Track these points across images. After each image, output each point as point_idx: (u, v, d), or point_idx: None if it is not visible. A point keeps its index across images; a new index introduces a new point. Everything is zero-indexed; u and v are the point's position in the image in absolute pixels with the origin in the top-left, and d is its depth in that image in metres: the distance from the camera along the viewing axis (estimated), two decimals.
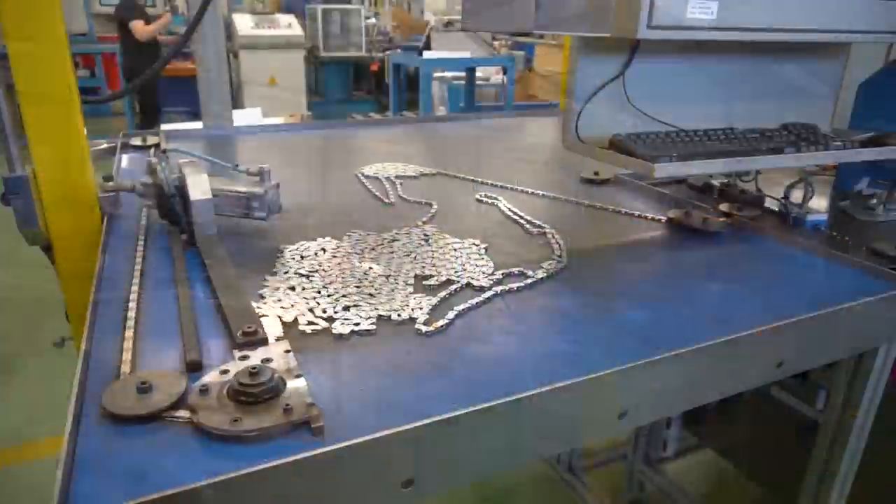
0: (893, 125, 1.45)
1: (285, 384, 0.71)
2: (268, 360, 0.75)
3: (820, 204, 1.56)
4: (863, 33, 1.30)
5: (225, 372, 0.73)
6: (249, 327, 0.81)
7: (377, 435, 0.62)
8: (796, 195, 1.35)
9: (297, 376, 0.72)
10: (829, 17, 1.25)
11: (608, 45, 1.26)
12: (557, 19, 1.12)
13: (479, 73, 6.01)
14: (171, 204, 1.14)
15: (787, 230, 1.30)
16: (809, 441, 1.27)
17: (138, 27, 6.36)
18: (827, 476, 1.17)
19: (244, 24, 8.00)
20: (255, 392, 0.67)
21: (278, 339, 0.81)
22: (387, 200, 1.44)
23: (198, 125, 2.48)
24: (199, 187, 1.13)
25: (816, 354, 0.97)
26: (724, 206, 1.42)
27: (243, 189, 1.20)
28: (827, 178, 1.73)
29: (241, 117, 3.60)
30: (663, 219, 1.35)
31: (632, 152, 1.16)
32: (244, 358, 0.76)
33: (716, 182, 1.56)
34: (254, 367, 0.70)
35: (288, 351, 0.78)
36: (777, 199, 1.38)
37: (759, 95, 1.48)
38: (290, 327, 0.85)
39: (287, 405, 0.66)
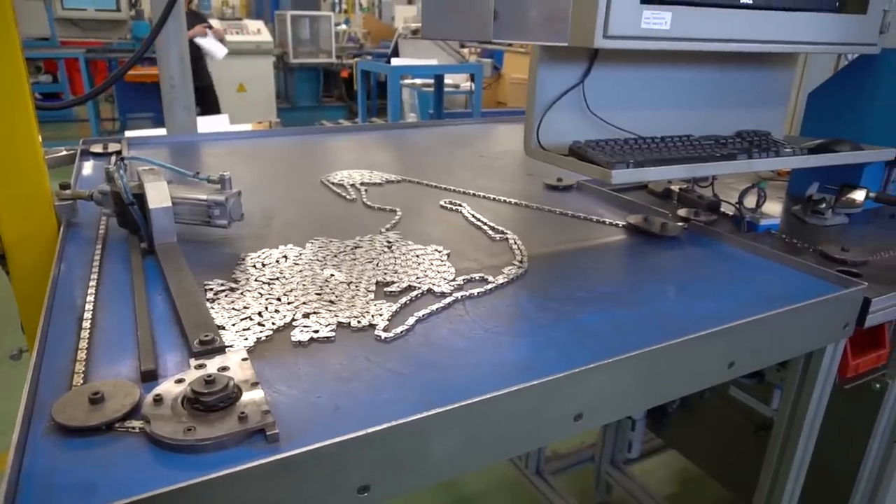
0: (841, 132, 1.51)
1: (241, 392, 0.70)
2: (224, 369, 0.75)
3: (775, 208, 1.61)
4: (811, 44, 1.35)
5: (180, 381, 0.72)
6: (206, 336, 0.80)
7: (331, 441, 0.62)
8: (750, 200, 1.40)
9: (254, 384, 0.72)
10: (779, 28, 1.29)
11: (568, 54, 1.29)
12: (515, 29, 1.14)
13: (448, 81, 6.04)
14: (130, 212, 1.12)
15: (741, 234, 1.34)
16: (766, 439, 1.31)
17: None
18: (781, 471, 1.20)
19: None
20: (209, 401, 0.67)
21: (236, 348, 0.81)
22: (351, 207, 1.44)
23: (162, 132, 2.45)
24: (158, 195, 1.12)
25: (766, 354, 1.00)
26: (682, 212, 1.46)
27: (204, 197, 1.19)
28: (782, 184, 1.78)
29: (208, 124, 3.57)
30: (623, 224, 1.37)
31: (590, 159, 1.19)
32: (201, 366, 0.76)
33: (675, 188, 1.60)
34: (209, 376, 0.69)
35: (245, 359, 0.78)
36: (732, 205, 1.42)
37: (717, 103, 1.52)
38: (249, 335, 0.85)
39: (242, 413, 0.66)
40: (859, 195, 1.43)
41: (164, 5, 1.99)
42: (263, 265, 1.09)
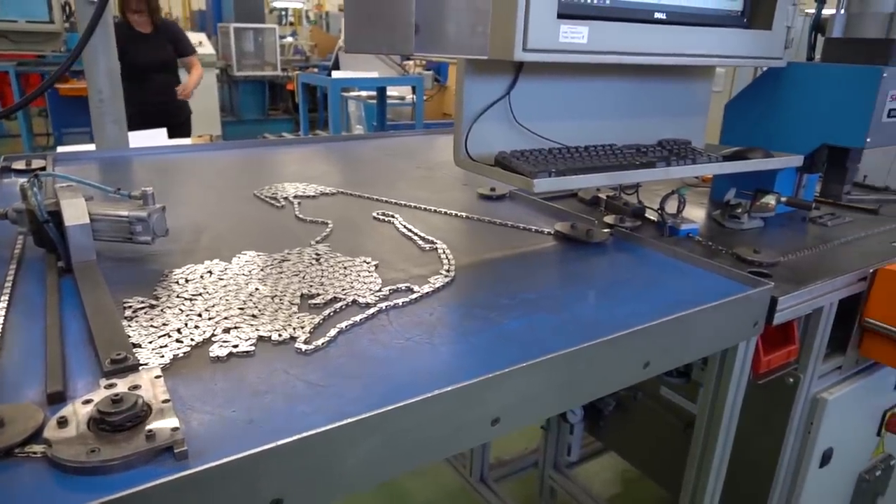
0: (755, 141, 1.59)
1: (151, 410, 0.69)
2: (136, 387, 0.73)
3: (698, 214, 1.68)
4: (722, 58, 1.42)
5: (88, 402, 0.70)
6: (118, 354, 0.79)
7: (240, 455, 0.62)
8: (672, 206, 1.45)
9: (165, 402, 0.71)
10: (691, 42, 1.36)
11: (493, 67, 1.32)
12: (437, 43, 1.17)
13: (394, 93, 6.07)
14: (46, 230, 1.09)
15: (663, 239, 1.39)
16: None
17: None
18: (703, 465, 1.25)
19: None
20: (115, 420, 0.66)
21: (150, 366, 0.79)
22: (282, 220, 1.43)
23: (92, 147, 2.38)
24: (75, 212, 1.10)
25: (680, 354, 1.04)
26: (608, 218, 1.51)
27: (125, 213, 1.16)
28: (707, 190, 1.86)
29: (144, 138, 3.47)
30: (551, 232, 1.41)
31: (514, 169, 1.22)
32: (111, 386, 0.74)
33: (603, 195, 1.65)
34: (116, 395, 0.68)
35: (158, 377, 0.76)
36: (656, 211, 1.48)
37: (640, 113, 1.58)
38: (166, 352, 0.83)
39: (150, 431, 0.65)
40: (772, 200, 1.51)
41: (90, 16, 1.95)
42: (187, 281, 1.07)
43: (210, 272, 1.11)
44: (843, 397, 1.39)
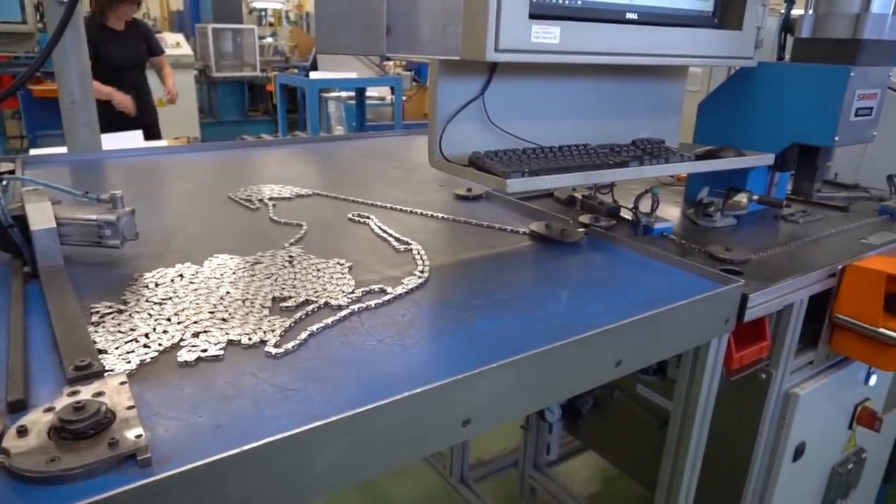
0: (728, 140, 1.61)
1: (115, 417, 0.68)
2: (100, 394, 0.72)
3: (673, 212, 1.69)
4: (694, 57, 1.43)
5: (50, 409, 0.69)
6: (82, 361, 0.77)
7: (205, 461, 0.61)
8: (645, 205, 1.46)
9: (129, 408, 0.70)
10: (663, 42, 1.37)
11: (467, 67, 1.32)
12: (409, 43, 1.16)
13: (374, 93, 6.05)
14: (10, 235, 1.07)
15: (637, 238, 1.40)
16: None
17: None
18: (678, 461, 1.26)
19: None
20: (77, 428, 0.65)
21: (116, 372, 0.78)
22: (256, 223, 1.42)
23: (65, 150, 2.34)
24: (41, 216, 1.08)
25: (652, 352, 1.05)
26: (583, 218, 1.51)
27: (93, 217, 1.14)
28: (681, 189, 1.88)
29: (119, 141, 3.42)
30: (526, 231, 1.41)
31: (487, 169, 1.22)
32: (74, 393, 0.72)
33: (579, 195, 1.66)
34: (78, 403, 0.67)
35: (124, 383, 0.75)
36: (630, 210, 1.49)
37: (615, 113, 1.59)
38: (133, 358, 0.82)
39: (113, 439, 0.64)
40: (744, 198, 1.52)
41: (60, 16, 1.92)
42: (157, 285, 1.06)
43: (181, 275, 1.10)
44: (815, 392, 1.41)
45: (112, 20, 4.19)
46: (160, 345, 0.86)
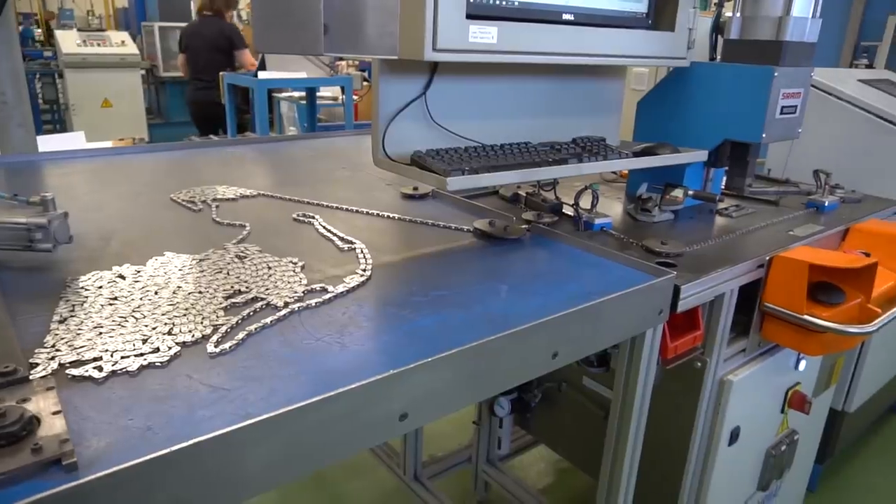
0: (665, 137, 1.67)
1: (39, 423, 0.67)
2: (24, 400, 0.71)
3: (616, 208, 1.74)
4: (629, 58, 1.48)
5: None
6: (6, 367, 0.76)
7: (132, 463, 0.61)
8: (585, 201, 1.50)
9: (56, 413, 0.69)
10: (599, 42, 1.40)
11: (409, 67, 1.33)
12: (347, 42, 1.17)
13: (328, 93, 5.99)
14: None
15: (578, 234, 1.44)
16: None
17: (248, 57, 5.44)
18: (619, 449, 1.30)
19: (69, 41, 7.36)
20: None
21: (43, 377, 0.77)
22: (198, 224, 1.40)
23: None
24: None
25: (588, 343, 1.08)
26: (527, 215, 1.54)
27: (23, 220, 1.11)
28: (624, 185, 1.93)
29: (60, 142, 3.31)
30: (470, 229, 1.43)
31: (428, 167, 1.23)
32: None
33: (523, 193, 1.69)
34: (0, 409, 0.65)
35: (51, 388, 0.74)
36: (571, 206, 1.52)
37: (557, 112, 1.62)
38: (64, 360, 0.80)
39: (36, 444, 0.63)
40: (680, 193, 1.58)
41: None
42: (91, 288, 1.03)
43: (122, 276, 1.08)
44: (748, 378, 1.47)
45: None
46: (92, 348, 0.84)
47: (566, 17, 1.37)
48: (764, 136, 1.51)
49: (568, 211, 1.56)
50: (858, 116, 2.45)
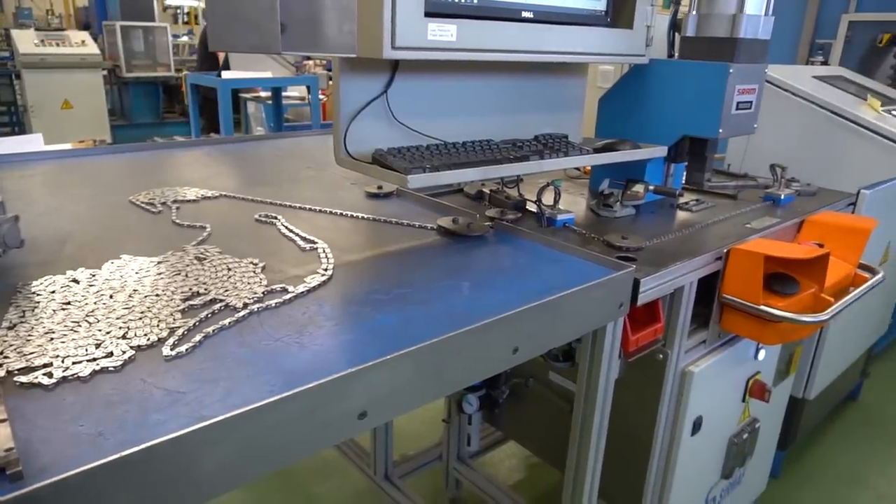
0: (626, 133, 1.69)
1: None
2: None
3: (579, 203, 1.76)
4: (588, 55, 1.49)
5: None
6: None
7: (79, 469, 0.59)
8: (548, 198, 1.52)
9: (1, 421, 0.67)
10: (558, 40, 1.42)
11: (370, 65, 1.32)
12: (306, 41, 1.16)
13: (295, 93, 5.94)
14: None
15: (541, 230, 1.45)
16: None
17: None
18: (583, 442, 1.31)
19: (26, 40, 7.15)
20: None
21: None
22: (158, 226, 1.38)
23: None
24: None
25: (548, 338, 1.09)
26: (490, 212, 1.55)
27: None
28: (587, 181, 1.96)
29: (16, 144, 3.22)
30: (434, 227, 1.44)
31: (389, 165, 1.23)
32: None
33: (487, 190, 1.70)
34: None
35: None
36: (534, 203, 1.53)
37: (519, 110, 1.64)
38: (11, 367, 0.78)
39: None
40: (640, 188, 1.61)
41: None
42: (48, 293, 1.01)
43: (76, 281, 1.05)
44: (709, 369, 1.51)
45: None
46: (42, 354, 0.82)
47: (525, 14, 1.38)
48: (721, 131, 1.55)
49: (531, 207, 1.58)
50: (813, 112, 2.52)
